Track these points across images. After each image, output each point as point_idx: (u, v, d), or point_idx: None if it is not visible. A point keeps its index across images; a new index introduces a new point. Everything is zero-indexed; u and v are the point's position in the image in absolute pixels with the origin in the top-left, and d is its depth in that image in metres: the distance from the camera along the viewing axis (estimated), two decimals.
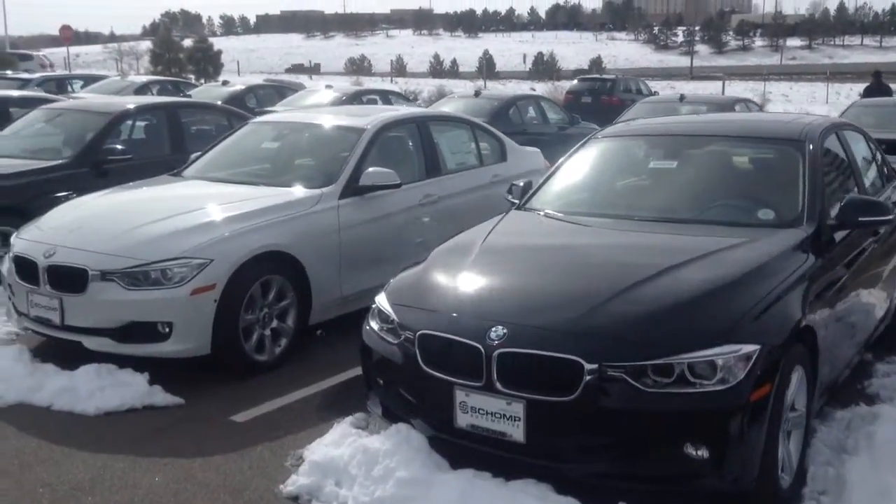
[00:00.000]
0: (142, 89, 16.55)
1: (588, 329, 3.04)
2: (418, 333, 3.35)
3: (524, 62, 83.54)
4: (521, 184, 4.90)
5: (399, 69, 71.93)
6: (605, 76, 25.57)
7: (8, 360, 4.67)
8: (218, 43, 46.04)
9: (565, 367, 2.98)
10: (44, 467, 3.72)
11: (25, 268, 4.80)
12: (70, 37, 35.11)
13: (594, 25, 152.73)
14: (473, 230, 4.32)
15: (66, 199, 6.51)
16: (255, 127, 6.47)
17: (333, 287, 5.29)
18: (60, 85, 18.34)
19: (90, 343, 4.59)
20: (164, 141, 7.74)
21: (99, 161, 7.01)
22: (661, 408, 2.90)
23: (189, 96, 11.72)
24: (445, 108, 13.08)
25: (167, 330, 4.52)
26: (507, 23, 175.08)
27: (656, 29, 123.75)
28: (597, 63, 69.28)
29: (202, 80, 27.80)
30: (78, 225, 5.00)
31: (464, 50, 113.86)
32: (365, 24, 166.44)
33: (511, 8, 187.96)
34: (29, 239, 4.97)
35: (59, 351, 4.79)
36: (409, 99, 15.41)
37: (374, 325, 3.72)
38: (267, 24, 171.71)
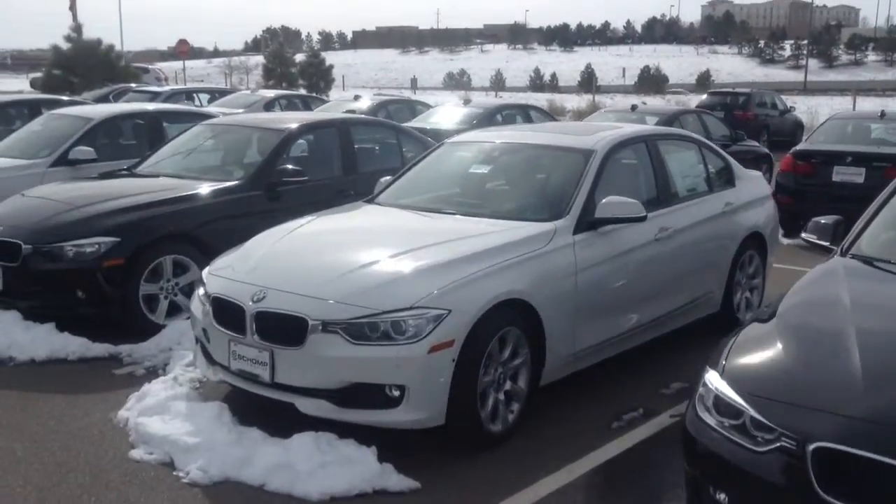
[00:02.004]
0: (271, 104, 16.28)
1: None
2: (812, 447, 2.42)
3: (623, 76, 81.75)
4: (831, 221, 3.92)
5: (498, 83, 71.43)
6: (738, 90, 24.02)
7: (207, 421, 4.00)
8: None
9: None
10: None
11: (227, 312, 4.12)
12: (186, 51, 35.91)
13: (694, 39, 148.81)
14: (810, 281, 3.38)
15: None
16: (453, 148, 5.69)
17: (568, 340, 4.43)
18: (188, 98, 18.31)
19: (305, 406, 3.86)
20: (334, 161, 7.09)
21: (273, 183, 6.40)
22: None
23: (354, 112, 11.13)
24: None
25: (397, 394, 3.74)
26: (601, 37, 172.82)
27: (762, 43, 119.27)
28: (705, 77, 66.84)
29: (325, 95, 27.59)
30: (285, 263, 4.30)
31: (560, 64, 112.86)
32: (459, 39, 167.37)
33: (606, 22, 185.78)
34: (228, 277, 4.29)
35: (262, 410, 4.08)
36: (549, 114, 14.52)
37: (710, 418, 2.80)
38: (363, 39, 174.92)
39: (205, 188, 6.20)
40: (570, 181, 4.81)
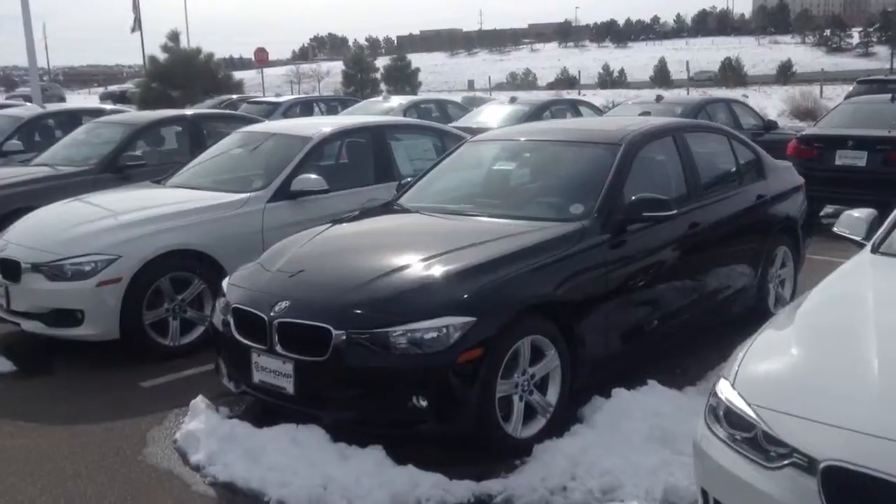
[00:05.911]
0: (409, 111, 14.56)
1: None
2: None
3: (686, 69, 78.74)
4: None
5: (566, 81, 69.15)
6: (890, 77, 21.68)
7: None
8: None
9: None
10: None
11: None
12: (265, 59, 34.56)
13: (750, 30, 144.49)
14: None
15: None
16: None
17: None
18: (306, 108, 16.74)
19: None
20: (674, 185, 5.17)
21: (624, 220, 4.53)
22: None
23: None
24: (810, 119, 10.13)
25: None
26: (651, 31, 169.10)
27: (827, 31, 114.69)
28: (787, 67, 63.48)
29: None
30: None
31: (615, 60, 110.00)
32: (506, 39, 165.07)
33: (655, 16, 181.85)
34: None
35: None
36: (753, 109, 12.42)
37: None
38: (410, 43, 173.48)
39: (544, 234, 4.34)
40: None
